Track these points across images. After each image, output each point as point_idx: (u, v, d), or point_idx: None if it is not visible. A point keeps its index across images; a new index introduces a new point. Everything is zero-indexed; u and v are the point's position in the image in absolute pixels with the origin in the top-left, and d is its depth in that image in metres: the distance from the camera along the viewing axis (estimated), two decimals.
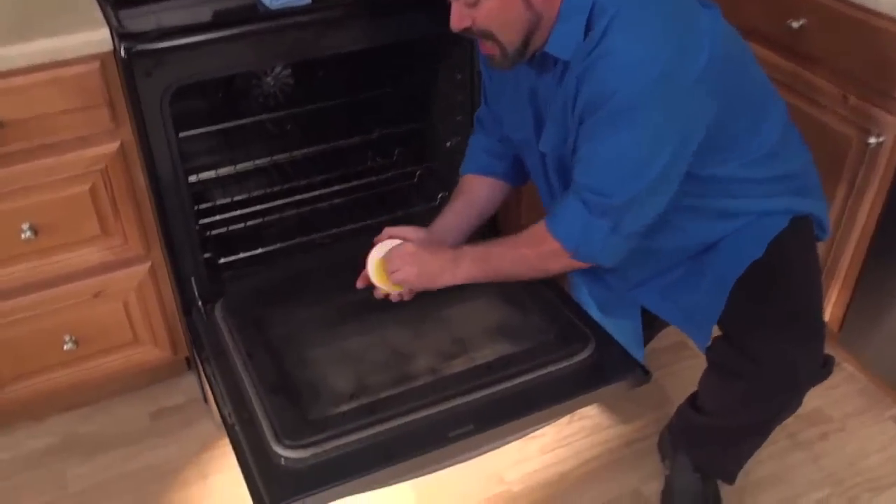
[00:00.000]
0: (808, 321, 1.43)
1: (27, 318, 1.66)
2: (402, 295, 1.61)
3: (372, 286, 1.65)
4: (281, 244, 1.91)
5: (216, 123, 1.97)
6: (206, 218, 1.87)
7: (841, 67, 1.78)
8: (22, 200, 1.54)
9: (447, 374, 1.58)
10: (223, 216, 1.91)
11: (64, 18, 1.50)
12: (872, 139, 1.73)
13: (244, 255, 1.88)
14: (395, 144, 2.18)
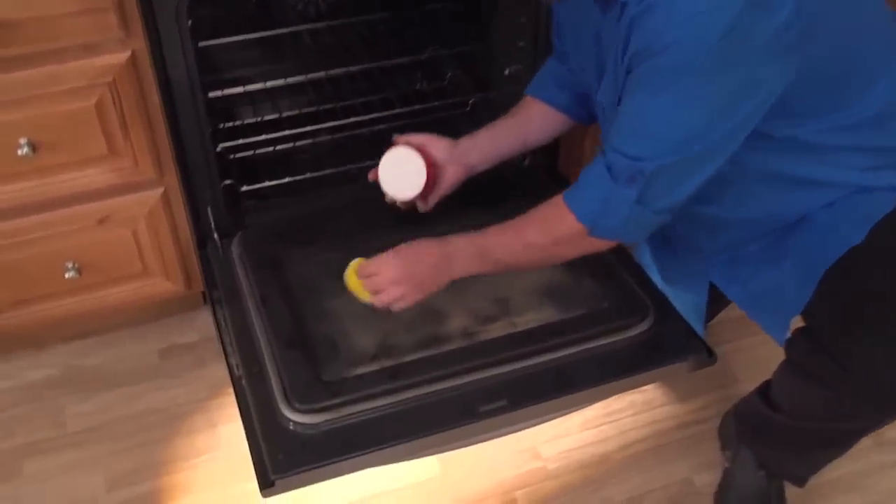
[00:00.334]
0: None
1: (25, 241, 1.60)
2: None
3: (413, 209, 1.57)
4: (311, 174, 1.82)
5: (246, 33, 1.84)
6: (228, 141, 1.77)
7: None
8: (18, 112, 1.45)
9: (483, 339, 1.51)
10: (249, 139, 1.80)
11: None
12: None
13: (269, 183, 1.79)
14: (447, 67, 2.04)
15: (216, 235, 1.67)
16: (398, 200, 1.56)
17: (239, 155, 1.81)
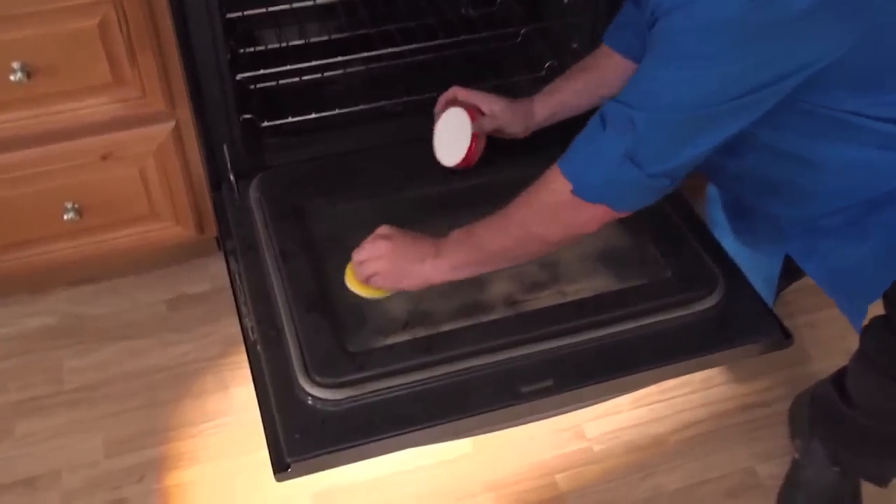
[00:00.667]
0: None
1: (18, 178, 1.53)
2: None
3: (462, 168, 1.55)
4: (341, 110, 1.72)
5: None
6: (248, 69, 1.67)
7: None
8: (10, 32, 1.36)
9: (528, 309, 1.45)
10: (272, 68, 1.69)
11: None
12: None
13: (293, 119, 1.69)
14: None
15: (232, 177, 1.59)
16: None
17: (260, 86, 1.73)
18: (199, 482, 1.55)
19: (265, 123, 1.68)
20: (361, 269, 1.33)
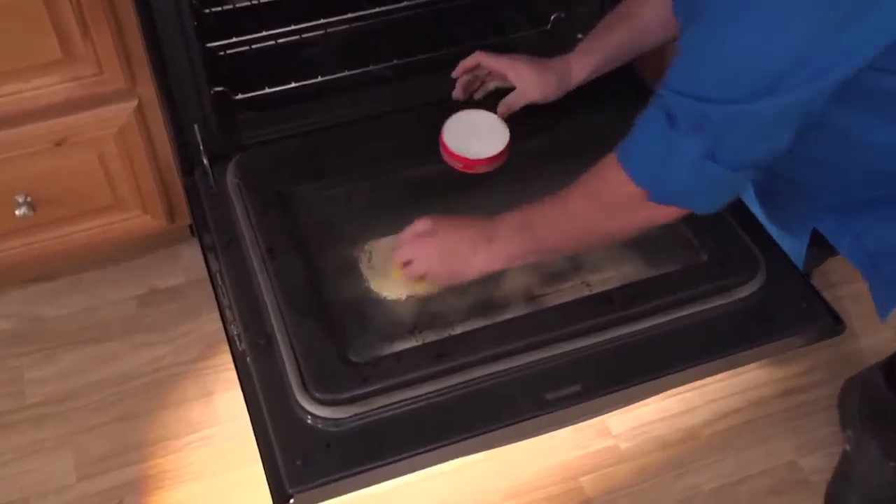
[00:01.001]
0: None
1: None
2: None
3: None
4: (323, 77, 1.64)
5: None
6: (218, 35, 1.60)
7: None
8: None
9: (549, 305, 1.41)
10: (245, 35, 1.63)
11: None
12: None
13: (271, 90, 1.61)
14: None
15: (205, 160, 1.52)
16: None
17: (231, 52, 1.65)
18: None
19: (239, 96, 1.61)
20: (409, 270, 1.29)
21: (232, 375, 1.36)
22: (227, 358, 1.50)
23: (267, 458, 1.21)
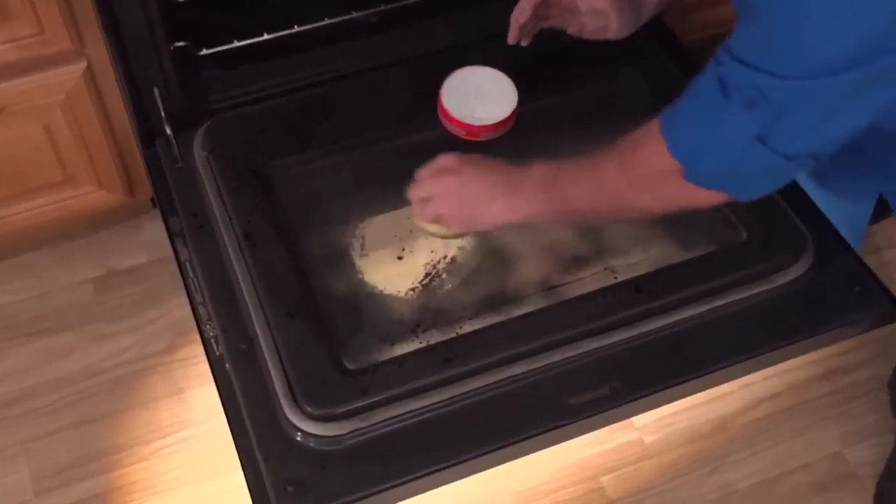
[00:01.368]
0: None
1: None
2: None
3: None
4: (303, 27, 1.56)
5: None
6: None
7: None
8: None
9: (570, 296, 1.36)
10: None
11: None
12: None
13: (240, 43, 1.53)
14: None
15: (168, 129, 1.45)
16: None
17: None
18: None
19: (204, 51, 1.52)
20: (424, 209, 1.26)
21: (206, 369, 1.32)
22: (198, 349, 1.47)
23: (254, 483, 1.16)
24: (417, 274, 1.35)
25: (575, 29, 1.37)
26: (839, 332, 1.33)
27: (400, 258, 1.35)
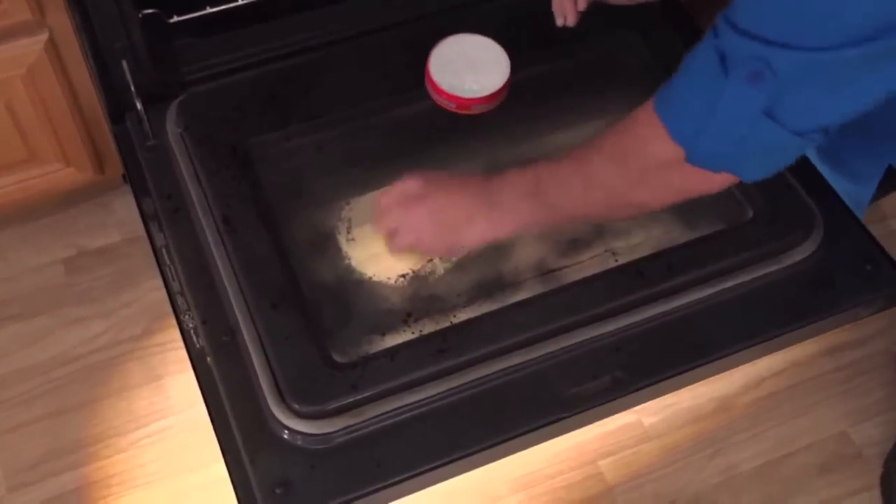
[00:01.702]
0: None
1: None
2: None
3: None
4: None
5: None
6: None
7: None
8: None
9: (568, 281, 1.32)
10: None
11: None
12: None
13: (215, 9, 1.46)
14: None
15: (139, 104, 1.39)
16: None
17: None
18: None
19: (175, 18, 1.45)
20: (395, 241, 1.21)
21: (184, 354, 1.28)
22: (176, 333, 1.39)
23: (240, 486, 1.12)
24: (410, 263, 1.31)
25: None
26: (851, 313, 1.30)
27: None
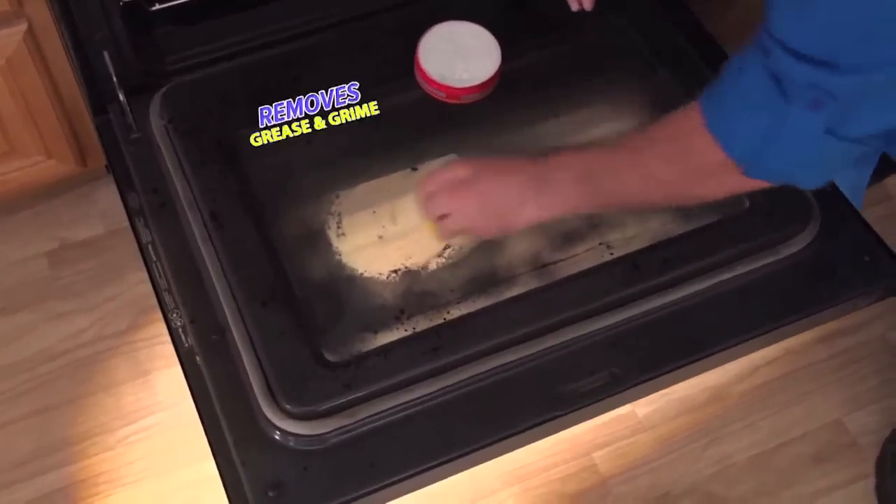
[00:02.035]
0: None
1: None
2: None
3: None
4: None
5: None
6: None
7: None
8: None
9: (563, 275, 1.31)
10: None
11: None
12: None
13: None
14: None
15: (122, 95, 1.37)
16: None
17: None
18: None
19: (157, 6, 1.42)
20: (445, 227, 1.20)
21: (171, 349, 1.26)
22: (163, 327, 1.37)
23: (232, 489, 1.11)
24: (401, 257, 1.29)
25: None
26: (850, 304, 1.30)
27: (381, 237, 1.28)
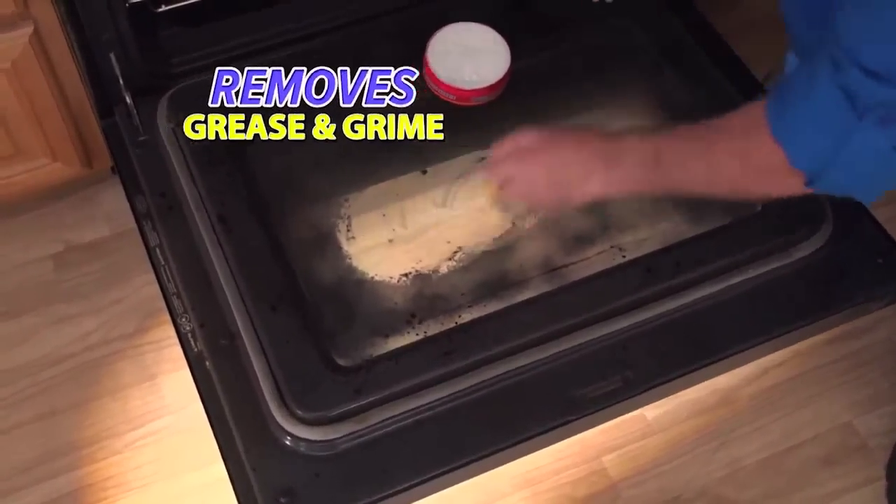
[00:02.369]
0: None
1: None
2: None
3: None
4: None
5: None
6: None
7: None
8: None
9: (575, 279, 1.32)
10: None
11: None
12: None
13: None
14: None
15: (129, 98, 1.37)
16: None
17: None
18: None
19: (163, 8, 1.41)
20: (507, 190, 1.20)
21: (179, 352, 1.26)
22: (170, 330, 1.39)
23: (243, 496, 1.10)
24: (411, 261, 1.29)
25: None
26: (862, 307, 1.30)
27: (391, 240, 1.29)
